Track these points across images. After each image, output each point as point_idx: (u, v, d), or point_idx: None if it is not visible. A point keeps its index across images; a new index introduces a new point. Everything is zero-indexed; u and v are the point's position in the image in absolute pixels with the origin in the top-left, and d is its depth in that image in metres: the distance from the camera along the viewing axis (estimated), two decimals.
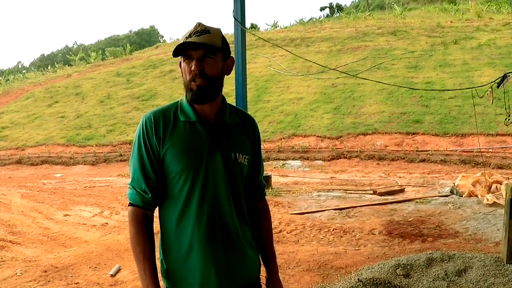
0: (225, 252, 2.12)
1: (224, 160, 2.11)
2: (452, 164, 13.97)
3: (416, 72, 21.67)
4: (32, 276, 5.92)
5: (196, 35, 2.04)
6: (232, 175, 2.15)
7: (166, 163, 2.08)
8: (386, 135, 16.58)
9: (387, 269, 5.29)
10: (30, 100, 27.84)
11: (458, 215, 8.15)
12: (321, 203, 9.71)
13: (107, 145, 19.53)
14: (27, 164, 18.43)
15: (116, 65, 33.78)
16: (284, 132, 18.16)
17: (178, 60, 2.15)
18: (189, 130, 2.10)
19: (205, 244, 2.08)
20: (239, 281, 2.18)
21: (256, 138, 2.32)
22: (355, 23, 33.91)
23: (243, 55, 10.38)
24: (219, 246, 2.10)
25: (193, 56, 2.05)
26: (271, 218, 2.49)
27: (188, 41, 2.03)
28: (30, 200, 11.12)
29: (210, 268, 2.09)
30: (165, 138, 2.07)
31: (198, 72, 2.04)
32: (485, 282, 4.89)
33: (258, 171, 2.36)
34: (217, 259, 2.10)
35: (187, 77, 2.08)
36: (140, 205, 2.12)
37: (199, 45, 2.03)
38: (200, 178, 2.07)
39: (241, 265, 2.19)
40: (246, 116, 2.31)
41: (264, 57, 26.23)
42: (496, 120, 15.49)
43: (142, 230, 2.12)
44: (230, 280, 2.15)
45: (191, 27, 2.09)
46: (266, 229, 2.42)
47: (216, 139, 2.11)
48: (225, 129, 2.17)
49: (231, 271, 2.14)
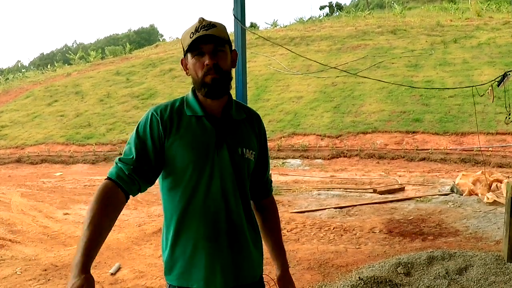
0: (231, 249, 2.09)
1: (231, 155, 2.09)
2: (452, 163, 13.95)
3: (416, 71, 21.65)
4: (32, 275, 5.92)
5: (204, 30, 2.02)
6: (239, 170, 2.13)
7: (171, 158, 2.05)
8: (386, 134, 16.56)
9: (388, 267, 5.29)
10: (29, 99, 27.82)
11: (459, 213, 8.15)
12: (321, 201, 9.71)
13: (106, 144, 19.49)
14: (27, 163, 18.42)
15: (115, 64, 33.74)
16: (284, 131, 18.13)
17: (178, 58, 2.12)
18: (196, 124, 2.07)
19: (211, 241, 2.06)
20: (243, 279, 2.15)
21: (262, 134, 2.30)
22: (354, 22, 33.89)
23: (243, 53, 10.36)
24: (224, 243, 2.08)
25: (204, 51, 2.03)
26: (279, 214, 2.47)
27: (201, 35, 2.01)
28: (29, 199, 11.11)
29: (216, 265, 2.07)
30: (171, 131, 2.04)
31: (213, 66, 2.02)
32: (486, 281, 4.88)
33: (265, 167, 2.35)
34: (223, 256, 2.08)
35: (198, 73, 2.05)
36: (113, 178, 2.00)
37: (213, 38, 2.02)
38: (206, 173, 2.04)
39: (246, 263, 2.16)
40: (252, 112, 2.29)
41: (264, 56, 26.23)
42: (496, 118, 15.47)
43: (103, 200, 1.92)
44: (235, 277, 2.12)
45: (195, 23, 2.06)
46: (275, 225, 2.40)
47: (223, 134, 2.09)
48: (232, 124, 2.14)
49: (236, 269, 2.11)
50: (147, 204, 10.05)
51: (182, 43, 2.08)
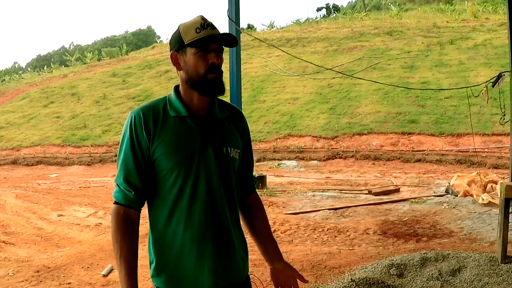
0: (218, 250, 2.08)
1: (216, 155, 2.07)
2: (448, 164, 13.96)
3: (412, 72, 21.66)
4: (24, 276, 5.89)
5: (211, 29, 2.02)
6: (225, 170, 2.11)
7: (156, 160, 2.03)
8: (381, 135, 16.58)
9: (380, 269, 5.27)
10: (25, 101, 27.79)
11: (453, 214, 8.15)
12: (315, 203, 9.70)
13: (102, 145, 19.50)
14: (22, 164, 18.41)
15: (112, 65, 33.69)
16: (280, 132, 18.14)
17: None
18: (180, 125, 2.05)
19: (198, 242, 2.05)
20: (231, 279, 2.14)
21: (246, 131, 2.28)
22: (351, 23, 33.86)
23: (238, 55, 10.35)
24: (211, 244, 2.06)
25: (211, 49, 2.02)
26: (265, 209, 2.46)
27: (216, 34, 2.02)
28: (24, 201, 11.09)
29: (204, 267, 2.05)
30: (155, 134, 2.02)
31: (218, 64, 2.05)
32: (479, 282, 4.87)
33: (250, 165, 2.34)
34: (211, 257, 2.06)
35: (200, 69, 2.03)
36: (122, 203, 2.06)
37: (224, 38, 2.05)
38: (192, 174, 2.02)
39: (233, 263, 2.15)
40: (235, 110, 2.28)
41: (260, 57, 26.21)
42: (491, 120, 15.48)
43: (122, 228, 2.03)
44: (224, 278, 2.11)
45: (196, 20, 2.04)
46: (263, 220, 2.38)
47: (208, 134, 2.07)
48: (216, 123, 2.13)
49: (224, 269, 2.10)
50: None
51: (183, 36, 2.04)
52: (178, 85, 2.17)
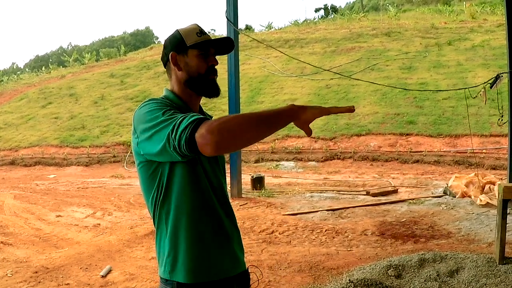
0: (232, 238, 2.18)
1: None
2: (446, 165, 13.98)
3: (410, 73, 21.68)
4: (22, 277, 5.89)
5: (207, 35, 2.16)
6: (223, 165, 2.28)
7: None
8: (379, 136, 16.59)
9: (378, 269, 5.28)
10: (24, 101, 27.76)
11: (451, 215, 8.15)
12: (314, 204, 9.70)
13: (100, 146, 19.47)
14: (21, 165, 18.40)
15: (110, 66, 33.68)
16: (278, 133, 18.13)
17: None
18: None
19: (217, 234, 2.12)
20: (243, 266, 2.25)
21: None
22: (349, 24, 33.90)
23: (236, 56, 10.38)
24: (227, 233, 2.15)
25: (210, 53, 2.15)
26: None
27: (219, 39, 2.17)
28: (22, 201, 11.07)
29: (225, 256, 2.14)
30: None
31: (215, 68, 2.18)
32: (477, 283, 4.88)
33: None
34: (229, 247, 2.16)
35: (202, 71, 2.13)
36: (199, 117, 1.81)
37: (224, 43, 2.20)
38: (208, 169, 2.11)
39: (242, 250, 2.27)
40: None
41: (258, 58, 26.22)
42: (489, 121, 15.49)
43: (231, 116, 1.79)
44: (241, 264, 2.23)
45: (194, 26, 2.16)
46: None
47: None
48: None
49: (239, 256, 2.22)
50: (139, 206, 10.02)
51: (186, 39, 2.12)
52: (169, 88, 2.21)
